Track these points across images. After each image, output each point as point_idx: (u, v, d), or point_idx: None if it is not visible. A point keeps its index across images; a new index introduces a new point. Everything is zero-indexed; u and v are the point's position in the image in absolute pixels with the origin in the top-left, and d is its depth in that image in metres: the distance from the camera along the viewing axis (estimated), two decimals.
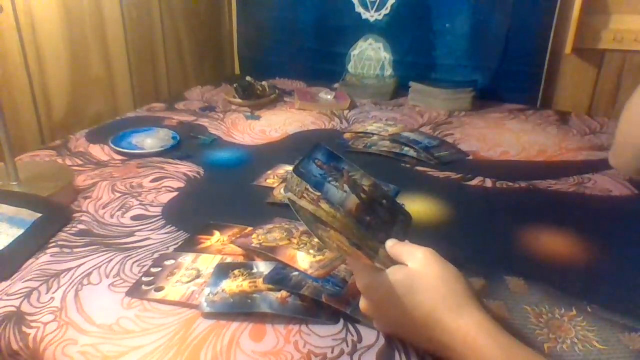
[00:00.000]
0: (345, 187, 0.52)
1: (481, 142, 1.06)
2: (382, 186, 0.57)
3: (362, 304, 0.51)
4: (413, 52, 1.43)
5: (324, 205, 0.49)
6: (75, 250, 0.67)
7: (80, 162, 0.95)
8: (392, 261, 0.50)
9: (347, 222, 0.50)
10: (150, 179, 0.88)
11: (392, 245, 0.51)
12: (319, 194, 0.49)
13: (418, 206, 0.79)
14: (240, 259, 0.64)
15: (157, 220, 0.75)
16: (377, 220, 0.53)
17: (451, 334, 0.45)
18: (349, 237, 0.49)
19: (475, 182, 0.88)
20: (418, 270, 0.48)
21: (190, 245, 0.68)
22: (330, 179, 0.52)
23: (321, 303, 0.55)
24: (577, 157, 0.99)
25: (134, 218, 0.75)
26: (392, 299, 0.47)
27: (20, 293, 0.58)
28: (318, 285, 0.56)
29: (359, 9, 1.46)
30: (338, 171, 0.53)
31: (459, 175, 0.90)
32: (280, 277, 0.58)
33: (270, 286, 0.57)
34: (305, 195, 0.49)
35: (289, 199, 0.49)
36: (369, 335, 0.52)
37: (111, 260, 0.65)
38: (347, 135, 1.10)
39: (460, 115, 1.24)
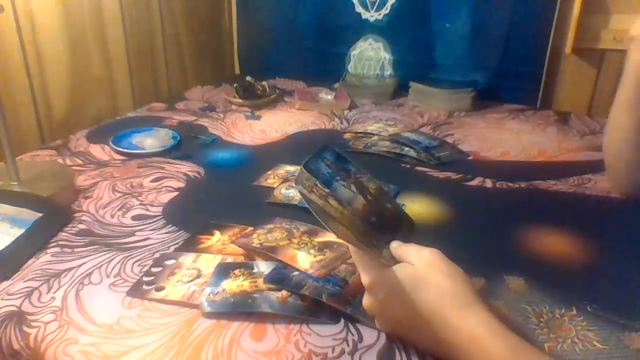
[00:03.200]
0: (353, 187, 0.52)
1: (481, 143, 1.06)
2: (386, 191, 0.57)
3: (367, 301, 0.50)
4: (413, 52, 1.43)
5: (332, 201, 0.49)
6: (76, 250, 0.67)
7: (80, 162, 0.95)
8: (397, 262, 0.50)
9: (354, 220, 0.50)
10: (151, 179, 0.88)
11: (397, 247, 0.51)
12: (327, 190, 0.50)
13: (418, 206, 0.79)
14: (241, 259, 0.64)
15: (158, 220, 0.75)
16: (382, 223, 0.53)
17: (457, 333, 0.45)
18: (356, 235, 0.49)
19: (475, 182, 0.88)
20: (425, 269, 0.47)
21: (191, 245, 0.68)
22: (338, 178, 0.52)
23: (322, 303, 0.55)
24: (577, 158, 0.99)
25: (134, 218, 0.75)
26: (398, 296, 0.47)
27: (21, 293, 0.58)
28: (319, 285, 0.56)
29: (359, 9, 1.46)
30: (346, 172, 0.53)
31: (459, 176, 0.90)
32: (281, 277, 0.58)
33: (270, 286, 0.57)
34: (314, 190, 0.49)
35: (299, 191, 0.50)
36: (369, 335, 0.52)
37: (112, 260, 0.65)
38: (347, 136, 1.10)
39: (461, 115, 1.24)
